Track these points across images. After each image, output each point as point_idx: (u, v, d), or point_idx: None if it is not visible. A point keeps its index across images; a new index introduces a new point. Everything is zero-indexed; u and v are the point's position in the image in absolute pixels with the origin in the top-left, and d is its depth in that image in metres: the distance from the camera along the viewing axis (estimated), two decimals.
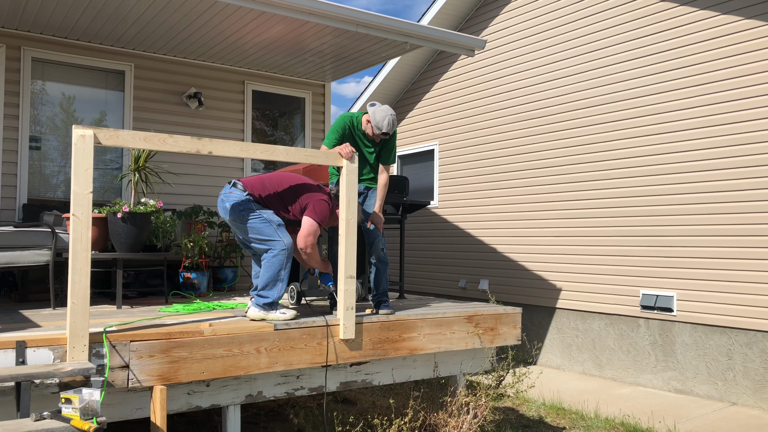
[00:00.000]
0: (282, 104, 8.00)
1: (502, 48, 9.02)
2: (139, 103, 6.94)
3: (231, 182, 4.25)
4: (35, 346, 3.18)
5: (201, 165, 7.26)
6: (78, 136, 3.24)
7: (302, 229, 4.23)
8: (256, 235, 4.14)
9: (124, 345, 3.37)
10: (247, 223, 4.13)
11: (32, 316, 4.18)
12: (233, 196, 4.16)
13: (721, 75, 6.54)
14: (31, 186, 6.38)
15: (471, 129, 9.44)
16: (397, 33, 6.16)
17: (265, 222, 4.13)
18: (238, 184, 4.21)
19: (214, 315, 4.31)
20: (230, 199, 4.15)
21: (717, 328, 6.52)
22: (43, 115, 6.50)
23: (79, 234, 3.23)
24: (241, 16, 5.88)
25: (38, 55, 6.39)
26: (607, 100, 7.59)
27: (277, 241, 4.11)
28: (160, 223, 5.36)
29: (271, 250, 4.11)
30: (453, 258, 9.68)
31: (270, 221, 4.14)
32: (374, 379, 4.58)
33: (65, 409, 2.88)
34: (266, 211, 4.17)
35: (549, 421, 5.75)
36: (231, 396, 3.91)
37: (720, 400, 6.45)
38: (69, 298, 3.20)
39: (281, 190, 4.28)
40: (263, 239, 4.13)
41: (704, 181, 6.64)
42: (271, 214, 4.18)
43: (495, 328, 5.03)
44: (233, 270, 6.52)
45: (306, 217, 4.24)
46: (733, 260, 6.38)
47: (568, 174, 8.00)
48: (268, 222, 4.14)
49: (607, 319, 7.55)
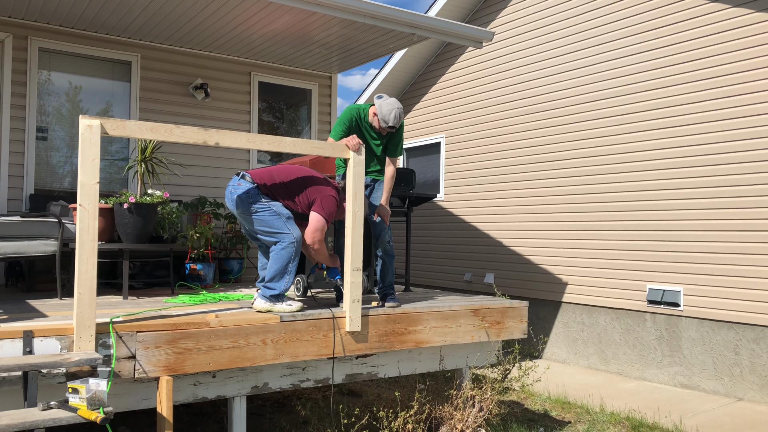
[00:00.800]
0: (288, 96, 7.98)
1: (509, 40, 8.96)
2: (146, 94, 6.93)
3: (239, 174, 4.22)
4: (42, 335, 3.18)
5: (207, 156, 7.25)
6: (85, 127, 3.23)
7: (310, 224, 4.21)
8: (265, 227, 4.12)
9: (131, 335, 3.38)
10: (257, 215, 4.11)
11: (39, 306, 4.19)
12: (242, 188, 4.13)
13: (731, 69, 6.48)
14: (37, 176, 6.39)
15: (478, 122, 9.40)
16: (404, 24, 6.13)
17: (275, 215, 4.11)
18: (247, 176, 4.18)
19: (220, 306, 4.31)
20: (239, 191, 4.13)
21: (724, 323, 6.49)
22: (50, 105, 6.50)
23: (86, 224, 3.23)
24: (248, 7, 5.86)
25: (45, 45, 6.38)
26: (614, 94, 7.54)
27: (287, 234, 4.09)
28: (166, 214, 5.37)
29: (281, 242, 4.09)
30: (458, 251, 9.66)
31: (279, 214, 4.12)
32: (380, 372, 4.58)
33: (72, 399, 2.89)
34: (275, 204, 4.15)
35: (554, 415, 5.74)
36: (237, 387, 3.92)
37: (726, 395, 6.43)
38: (76, 289, 3.20)
39: (289, 183, 4.26)
40: (272, 231, 4.11)
41: (712, 175, 6.60)
42: (280, 206, 4.16)
43: (501, 322, 5.01)
44: (239, 261, 6.52)
45: (313, 213, 4.22)
46: (741, 255, 6.35)
47: (574, 168, 7.96)
48: (278, 215, 4.12)
49: (613, 313, 7.53)
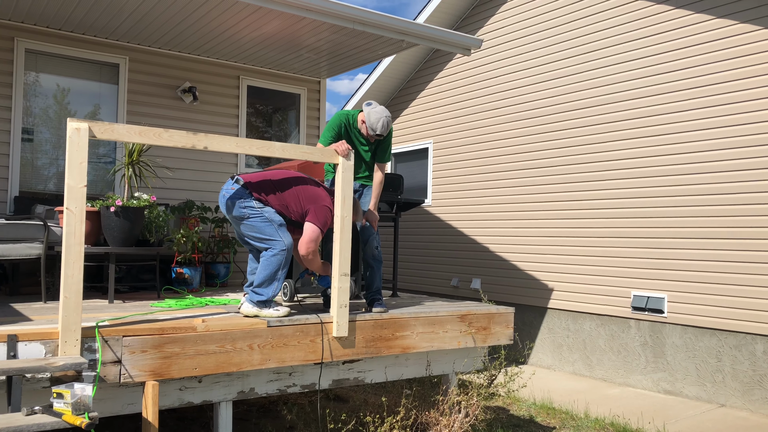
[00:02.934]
0: (277, 100, 7.97)
1: (498, 47, 9.02)
2: (134, 97, 6.89)
3: (233, 178, 4.19)
4: (27, 340, 3.16)
5: (195, 160, 7.23)
6: (73, 130, 3.22)
7: (304, 235, 4.19)
8: (256, 233, 4.10)
9: (117, 340, 3.36)
10: (248, 220, 4.10)
11: (23, 310, 4.15)
12: (235, 192, 4.13)
13: (716, 78, 6.57)
14: (22, 178, 6.33)
15: (465, 128, 9.45)
16: (393, 31, 6.15)
17: (266, 221, 4.10)
18: (241, 180, 4.16)
19: (206, 311, 4.29)
20: (231, 195, 4.13)
21: (707, 330, 6.56)
22: (36, 106, 6.45)
23: (73, 228, 3.21)
24: (237, 11, 5.86)
25: (32, 46, 6.33)
26: (601, 102, 7.61)
27: (278, 241, 4.08)
28: (153, 218, 5.34)
29: (271, 249, 4.09)
30: (445, 257, 9.69)
31: (271, 221, 4.11)
32: (367, 377, 4.59)
33: (57, 404, 2.87)
34: (267, 210, 4.13)
35: (539, 421, 5.77)
36: (223, 392, 3.90)
37: (709, 401, 6.50)
38: (62, 292, 3.18)
39: (284, 190, 4.23)
40: (263, 238, 4.10)
41: (696, 183, 6.68)
42: (273, 212, 4.14)
43: (487, 328, 5.04)
44: (226, 266, 6.50)
45: (308, 223, 4.19)
46: (724, 263, 6.43)
47: (561, 174, 8.03)
48: (269, 221, 4.10)
49: (598, 319, 7.59)
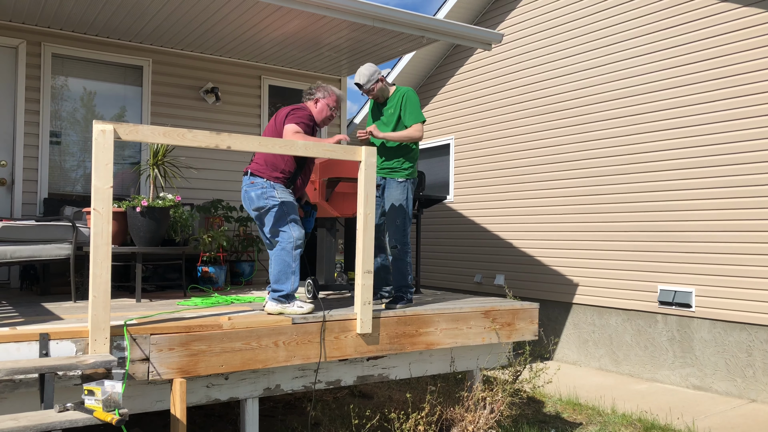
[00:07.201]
0: (298, 98, 8.01)
1: (518, 42, 8.95)
2: (157, 98, 6.99)
3: (246, 173, 4.33)
4: (58, 338, 3.23)
5: (218, 160, 7.30)
6: (98, 131, 3.27)
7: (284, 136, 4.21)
8: (270, 225, 4.21)
9: (145, 338, 3.41)
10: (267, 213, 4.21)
11: (54, 309, 4.24)
12: (255, 185, 4.24)
13: (743, 68, 6.44)
14: (51, 180, 6.45)
15: (487, 123, 9.40)
16: (413, 27, 6.14)
17: (282, 213, 4.20)
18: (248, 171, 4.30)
19: (232, 308, 4.34)
20: (252, 188, 4.24)
21: (736, 324, 6.45)
22: (64, 110, 6.57)
23: (100, 228, 3.27)
24: (258, 11, 5.90)
25: (58, 50, 6.45)
26: (624, 95, 7.51)
27: (287, 233, 4.19)
28: (178, 218, 5.41)
29: (280, 242, 4.19)
30: (468, 253, 9.65)
31: (287, 213, 4.20)
32: (391, 374, 4.60)
33: (88, 401, 2.92)
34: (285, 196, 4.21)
35: (566, 417, 5.73)
36: (249, 389, 3.94)
37: (739, 397, 6.39)
38: (90, 292, 3.24)
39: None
40: (275, 230, 4.20)
41: (724, 176, 6.56)
42: (291, 203, 4.22)
43: (512, 323, 5.01)
44: (250, 264, 6.56)
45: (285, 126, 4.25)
46: (753, 255, 6.31)
47: (585, 168, 7.94)
48: (285, 213, 4.20)
49: (624, 314, 7.50)
